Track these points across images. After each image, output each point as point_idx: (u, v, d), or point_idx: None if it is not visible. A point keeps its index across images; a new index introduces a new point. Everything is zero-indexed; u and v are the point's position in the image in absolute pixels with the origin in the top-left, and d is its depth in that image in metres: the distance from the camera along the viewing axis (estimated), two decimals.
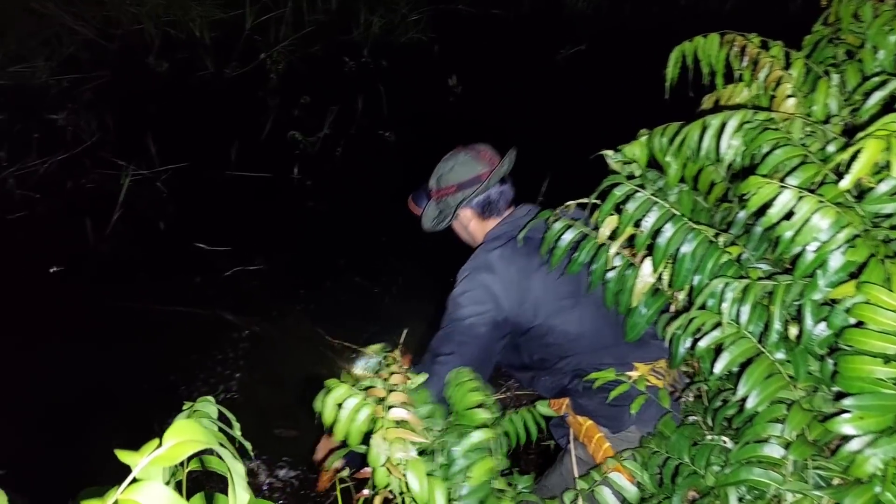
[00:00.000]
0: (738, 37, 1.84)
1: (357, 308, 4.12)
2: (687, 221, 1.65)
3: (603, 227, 1.77)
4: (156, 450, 0.67)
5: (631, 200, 1.72)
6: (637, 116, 2.26)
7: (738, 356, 1.55)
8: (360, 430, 1.49)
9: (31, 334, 3.83)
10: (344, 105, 5.83)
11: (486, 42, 7.25)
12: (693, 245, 1.64)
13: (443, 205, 2.27)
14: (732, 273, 1.60)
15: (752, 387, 1.51)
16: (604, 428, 2.01)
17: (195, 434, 0.71)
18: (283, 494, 3.03)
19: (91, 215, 4.59)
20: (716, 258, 1.63)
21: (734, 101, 1.92)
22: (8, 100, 5.77)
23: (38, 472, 3.11)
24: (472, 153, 2.22)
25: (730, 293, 1.56)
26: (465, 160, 2.21)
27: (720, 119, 1.63)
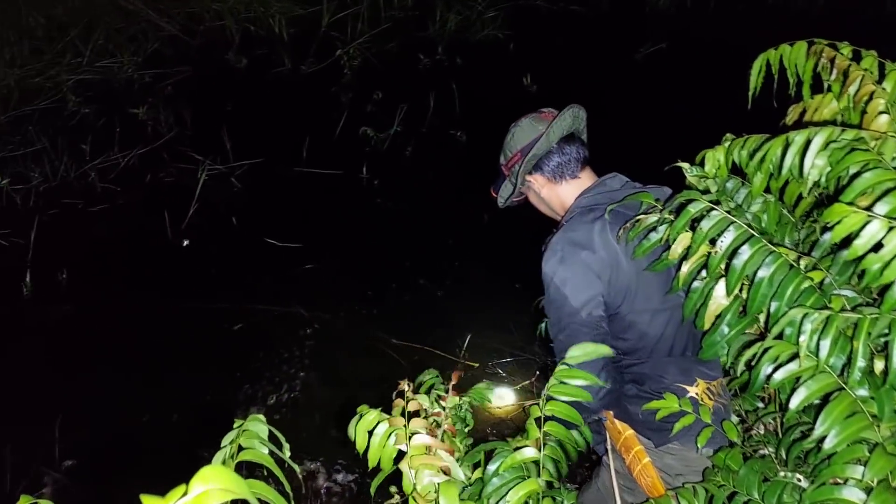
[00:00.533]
0: (827, 47, 1.71)
1: (421, 311, 4.10)
2: (766, 243, 1.55)
3: (675, 245, 1.69)
4: (181, 497, 0.64)
5: (706, 218, 1.63)
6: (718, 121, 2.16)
7: (816, 391, 1.45)
8: (391, 454, 1.46)
9: (107, 325, 3.96)
10: (416, 102, 5.82)
11: (563, 39, 7.13)
12: (771, 269, 1.54)
13: (513, 176, 2.07)
14: (814, 301, 1.50)
15: (831, 425, 1.41)
16: (645, 440, 1.91)
17: (224, 481, 0.67)
18: (341, 499, 3.03)
19: (169, 209, 4.71)
20: (796, 284, 1.52)
21: (821, 115, 1.80)
22: (95, 93, 5.98)
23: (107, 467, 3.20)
24: (532, 116, 2.05)
25: (809, 324, 1.45)
26: (525, 124, 2.03)
27: (804, 136, 1.52)
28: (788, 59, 1.80)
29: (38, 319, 3.98)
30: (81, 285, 4.19)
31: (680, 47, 6.85)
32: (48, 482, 3.04)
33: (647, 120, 5.70)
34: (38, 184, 4.96)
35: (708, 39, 6.86)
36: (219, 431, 1.50)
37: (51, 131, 5.44)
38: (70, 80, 6.01)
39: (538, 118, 2.02)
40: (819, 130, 1.50)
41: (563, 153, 1.97)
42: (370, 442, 1.45)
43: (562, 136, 1.97)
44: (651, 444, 1.89)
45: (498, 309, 4.04)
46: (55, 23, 6.56)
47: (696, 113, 5.59)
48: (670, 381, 1.83)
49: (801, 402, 1.46)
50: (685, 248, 1.70)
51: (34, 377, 3.63)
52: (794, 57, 1.79)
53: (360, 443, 1.46)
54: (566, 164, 1.97)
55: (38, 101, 5.81)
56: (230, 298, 4.12)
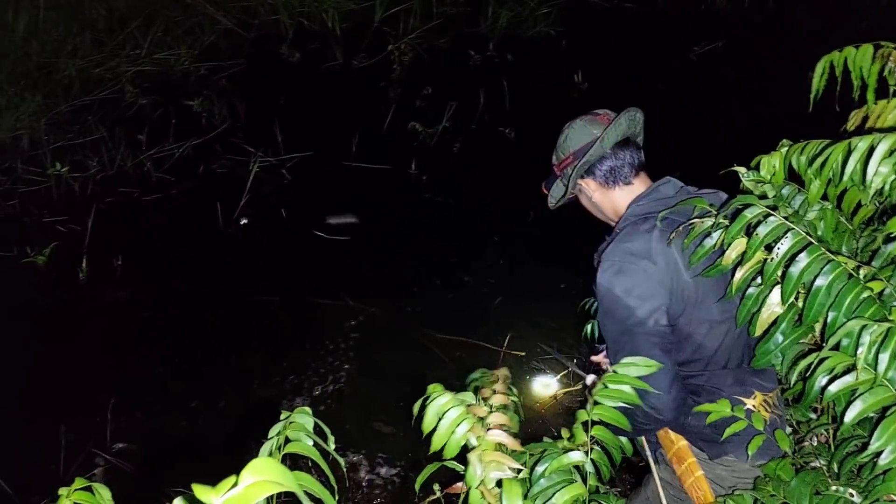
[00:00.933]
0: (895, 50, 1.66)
1: (466, 307, 4.10)
2: (824, 251, 1.51)
3: (729, 250, 1.65)
4: (231, 489, 0.65)
5: (763, 224, 1.60)
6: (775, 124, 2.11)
7: (873, 405, 1.41)
8: (458, 443, 1.45)
9: (159, 312, 4.05)
10: (466, 99, 5.81)
11: (616, 36, 7.05)
12: (829, 278, 1.50)
13: (565, 178, 2.02)
14: (873, 312, 1.45)
15: (887, 441, 1.37)
16: (699, 451, 1.88)
17: (273, 474, 0.68)
18: (384, 492, 3.05)
19: (221, 199, 4.79)
20: (855, 294, 1.48)
21: (884, 121, 1.75)
22: (152, 85, 6.11)
23: (156, 451, 3.27)
24: (587, 118, 1.99)
25: (868, 336, 1.41)
26: (579, 126, 1.97)
27: (867, 142, 1.48)
28: (853, 62, 1.75)
29: (92, 304, 4.08)
30: (135, 272, 4.29)
31: (736, 46, 6.71)
32: (99, 463, 3.12)
33: (702, 121, 5.60)
34: (96, 172, 5.08)
35: (766, 39, 6.72)
36: (264, 419, 1.52)
37: (109, 121, 5.57)
38: (129, 71, 6.15)
39: (593, 120, 1.97)
40: (884, 137, 1.46)
41: (616, 158, 1.91)
42: (438, 425, 1.44)
43: (616, 141, 1.91)
44: (705, 455, 1.86)
45: (544, 309, 4.02)
46: (116, 15, 6.71)
47: (752, 115, 5.49)
48: (727, 392, 1.78)
49: (857, 415, 1.43)
50: (739, 253, 1.67)
51: (88, 361, 3.73)
52: (860, 60, 1.74)
53: (427, 423, 1.45)
54: (619, 169, 1.91)
55: (98, 92, 5.96)
56: (278, 289, 4.18)
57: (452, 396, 1.50)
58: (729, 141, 5.15)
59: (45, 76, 5.98)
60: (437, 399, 1.49)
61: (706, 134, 5.38)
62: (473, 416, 1.48)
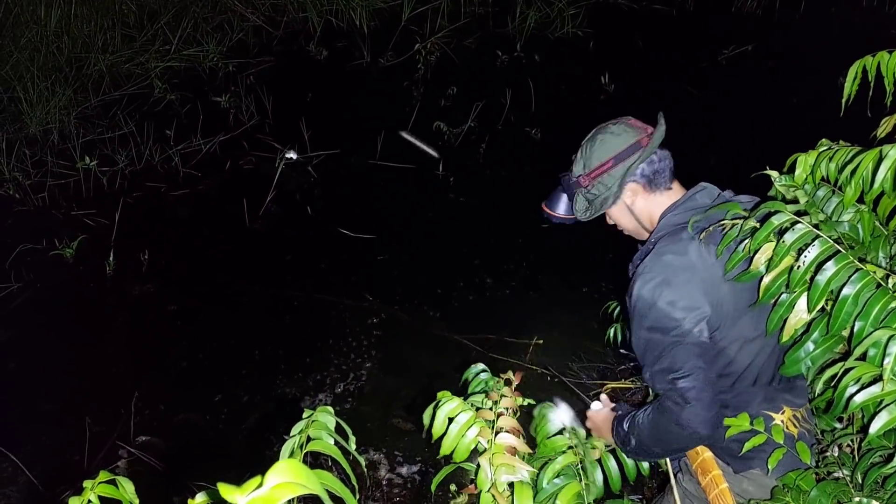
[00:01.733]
0: None
1: (487, 309, 4.11)
2: (852, 260, 1.49)
3: (759, 255, 1.64)
4: (256, 489, 0.65)
5: (790, 231, 1.58)
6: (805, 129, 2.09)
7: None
8: (468, 447, 1.46)
9: (184, 306, 4.09)
10: (492, 99, 5.80)
11: (644, 39, 7.00)
12: (857, 287, 1.48)
13: (598, 188, 1.88)
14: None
15: None
16: (724, 465, 1.86)
17: (297, 476, 0.69)
18: (403, 490, 3.06)
19: (247, 195, 4.82)
20: (883, 304, 1.46)
21: None
22: (180, 81, 6.17)
23: (178, 442, 3.31)
24: (621, 123, 1.88)
25: (895, 347, 1.40)
26: (616, 130, 1.87)
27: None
28: (886, 67, 1.73)
29: (119, 297, 4.14)
30: (162, 267, 4.34)
31: (766, 50, 6.64)
32: (123, 456, 3.16)
33: (730, 125, 5.55)
34: (124, 166, 5.14)
35: (796, 43, 6.64)
36: (286, 415, 1.53)
37: (137, 116, 5.63)
38: (158, 66, 6.21)
39: (628, 125, 1.88)
40: None
41: (660, 161, 1.85)
42: (448, 430, 1.44)
43: (659, 143, 1.85)
44: (730, 469, 1.84)
45: (565, 312, 4.01)
46: (146, 10, 6.78)
47: (781, 119, 5.43)
48: (755, 409, 1.75)
49: (883, 426, 1.41)
50: (768, 258, 1.66)
51: (113, 353, 3.78)
52: (893, 65, 1.72)
53: (437, 429, 1.46)
54: (661, 172, 1.85)
55: (127, 87, 6.03)
56: (302, 286, 4.21)
57: (462, 401, 1.51)
58: (757, 145, 5.10)
59: (76, 71, 6.06)
60: (446, 404, 1.49)
61: (734, 137, 5.33)
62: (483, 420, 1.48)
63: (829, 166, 1.64)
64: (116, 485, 1.38)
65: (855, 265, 1.50)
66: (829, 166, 1.63)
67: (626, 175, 1.83)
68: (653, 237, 1.82)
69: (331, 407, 1.45)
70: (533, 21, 6.97)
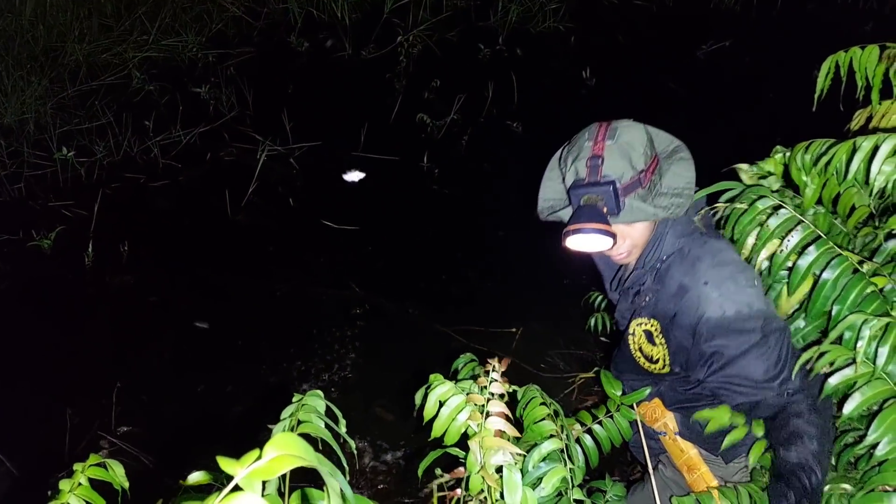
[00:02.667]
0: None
1: (469, 300, 4.12)
2: (832, 245, 1.53)
3: (748, 238, 1.66)
4: (255, 461, 0.66)
5: (774, 216, 1.61)
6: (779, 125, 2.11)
7: (872, 398, 1.43)
8: (459, 430, 1.46)
9: (166, 298, 4.05)
10: (474, 92, 5.80)
11: (625, 33, 7.04)
12: (837, 271, 1.51)
13: (657, 187, 1.66)
14: (875, 307, 1.47)
15: (884, 432, 1.39)
16: (714, 457, 1.87)
17: (296, 449, 0.69)
18: (388, 477, 3.07)
19: (229, 187, 4.79)
20: (860, 288, 1.50)
21: (889, 121, 1.76)
22: (159, 71, 6.11)
23: (162, 434, 3.28)
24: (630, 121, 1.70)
25: (868, 330, 1.43)
26: (651, 129, 1.72)
27: (872, 142, 1.49)
28: (859, 63, 1.76)
29: (99, 289, 4.09)
30: (142, 258, 4.30)
31: (743, 46, 6.70)
32: (104, 446, 3.13)
33: (708, 119, 5.60)
34: (102, 157, 5.08)
35: (772, 39, 6.70)
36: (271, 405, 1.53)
37: (115, 107, 5.56)
38: (136, 57, 6.14)
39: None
40: (888, 136, 1.47)
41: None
42: (439, 412, 1.45)
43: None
44: (720, 460, 1.86)
45: (546, 302, 4.03)
46: (124, 0, 6.70)
47: (757, 114, 5.49)
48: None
49: (856, 407, 1.45)
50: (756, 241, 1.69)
51: (94, 345, 3.73)
52: (865, 60, 1.75)
53: (428, 411, 1.47)
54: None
55: (105, 77, 5.95)
56: (286, 277, 4.19)
57: (453, 385, 1.52)
58: (734, 139, 5.14)
59: (52, 60, 5.97)
60: (438, 387, 1.50)
61: (711, 131, 5.37)
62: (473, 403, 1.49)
63: (804, 158, 1.67)
64: (106, 468, 1.37)
65: (835, 250, 1.54)
66: (804, 157, 1.65)
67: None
68: (671, 248, 1.68)
69: (320, 391, 1.45)
70: (515, 15, 6.98)
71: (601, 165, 1.58)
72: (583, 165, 1.60)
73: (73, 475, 1.31)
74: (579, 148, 1.64)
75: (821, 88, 1.83)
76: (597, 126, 1.67)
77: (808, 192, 1.69)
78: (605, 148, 1.59)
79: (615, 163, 1.58)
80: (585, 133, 1.67)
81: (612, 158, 1.58)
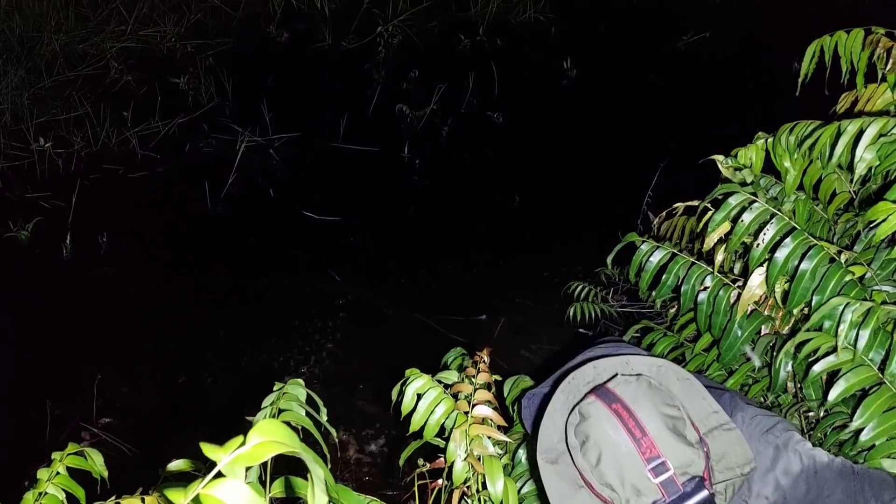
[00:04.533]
0: (885, 37, 1.69)
1: (450, 292, 4.12)
2: (808, 236, 1.55)
3: (712, 233, 1.68)
4: (239, 447, 0.66)
5: (747, 211, 1.63)
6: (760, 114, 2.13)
7: (856, 384, 1.45)
8: (437, 422, 1.48)
9: (146, 289, 4.04)
10: (455, 83, 5.80)
11: (605, 24, 7.05)
12: (813, 262, 1.53)
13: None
14: (855, 295, 1.49)
15: (869, 418, 1.41)
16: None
17: (279, 435, 0.70)
18: (372, 468, 3.08)
19: (208, 178, 4.76)
20: (838, 277, 1.52)
21: (874, 105, 1.78)
22: (137, 62, 6.05)
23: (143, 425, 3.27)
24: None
25: (850, 315, 1.45)
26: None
27: (857, 125, 1.51)
28: (844, 47, 1.78)
29: (77, 280, 4.06)
30: (122, 249, 4.27)
31: (725, 36, 6.74)
32: (86, 438, 3.12)
33: (689, 110, 5.63)
34: (80, 148, 5.03)
35: (753, 30, 6.75)
36: (252, 397, 1.53)
37: (93, 97, 5.51)
38: (113, 47, 6.07)
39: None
40: (873, 120, 1.49)
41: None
42: (417, 406, 1.47)
43: None
44: None
45: (527, 293, 4.04)
46: None
47: (738, 104, 5.53)
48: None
49: (840, 393, 1.47)
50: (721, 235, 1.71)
51: (73, 336, 3.71)
52: (850, 45, 1.77)
53: (405, 405, 1.48)
54: None
55: (82, 68, 5.89)
56: (266, 268, 4.19)
57: (430, 378, 1.53)
58: (715, 129, 5.18)
59: (28, 51, 5.89)
60: (415, 381, 1.51)
61: (693, 122, 5.41)
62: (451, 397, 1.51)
63: (788, 140, 1.69)
64: (85, 456, 1.38)
65: (810, 241, 1.55)
66: (789, 139, 1.67)
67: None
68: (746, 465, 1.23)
69: (301, 380, 1.46)
70: (495, 5, 6.96)
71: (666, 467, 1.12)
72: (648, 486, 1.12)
73: (52, 464, 1.31)
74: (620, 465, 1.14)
75: (805, 72, 1.85)
76: (606, 410, 1.18)
77: (790, 179, 1.71)
78: (654, 440, 1.13)
79: (674, 450, 1.13)
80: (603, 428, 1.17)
81: (668, 448, 1.13)
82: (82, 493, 1.30)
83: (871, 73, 1.77)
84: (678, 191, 1.86)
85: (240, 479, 0.63)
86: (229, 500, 0.61)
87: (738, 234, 1.64)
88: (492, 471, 1.40)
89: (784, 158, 1.75)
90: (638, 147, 5.02)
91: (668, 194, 1.83)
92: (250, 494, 0.62)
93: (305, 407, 1.42)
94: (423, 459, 1.76)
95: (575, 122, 5.55)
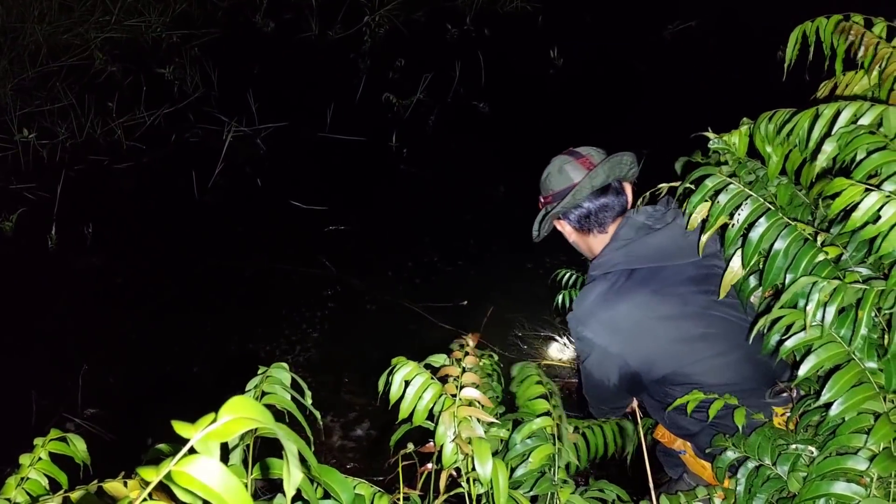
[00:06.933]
0: (856, 24, 1.70)
1: (437, 280, 4.13)
2: (782, 216, 1.56)
3: (695, 215, 1.70)
4: (210, 424, 0.66)
5: (723, 192, 1.64)
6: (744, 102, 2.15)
7: (825, 360, 1.47)
8: (426, 408, 1.48)
9: (132, 279, 4.03)
10: (441, 72, 5.80)
11: (591, 13, 7.05)
12: (787, 241, 1.55)
13: (544, 212, 1.99)
14: (827, 274, 1.51)
15: (837, 393, 1.43)
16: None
17: (251, 412, 0.70)
18: (357, 454, 3.09)
19: (195, 168, 4.75)
20: (811, 257, 1.54)
21: (851, 91, 1.80)
22: (122, 52, 6.02)
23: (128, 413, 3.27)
24: (571, 158, 1.93)
25: (817, 293, 1.47)
26: (561, 166, 1.93)
27: (833, 109, 1.52)
28: (824, 32, 1.79)
29: (63, 271, 4.05)
30: (107, 240, 4.26)
31: (709, 25, 6.76)
32: (71, 428, 3.12)
33: (675, 99, 5.65)
34: (65, 139, 5.01)
35: (738, 20, 6.76)
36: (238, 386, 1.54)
37: (77, 88, 5.48)
38: (98, 37, 6.04)
39: (574, 164, 1.92)
40: (849, 103, 1.50)
41: (591, 205, 1.90)
42: (405, 393, 1.47)
43: (592, 191, 1.88)
44: None
45: (514, 281, 4.06)
46: None
47: (723, 93, 5.54)
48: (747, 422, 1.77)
49: (810, 369, 1.49)
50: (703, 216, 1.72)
51: (58, 327, 3.70)
52: (829, 30, 1.78)
53: (394, 393, 1.48)
54: (594, 216, 1.90)
55: (66, 58, 5.85)
56: (254, 257, 4.19)
57: (416, 365, 1.53)
58: (700, 117, 5.20)
59: (11, 41, 5.85)
60: (402, 368, 1.52)
61: (678, 110, 5.43)
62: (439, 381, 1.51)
63: (768, 127, 1.70)
64: (68, 442, 1.38)
65: (784, 221, 1.57)
66: (769, 127, 1.68)
67: (557, 215, 1.94)
68: (588, 276, 1.93)
69: (285, 363, 1.46)
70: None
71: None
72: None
73: (34, 450, 1.31)
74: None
75: (790, 58, 1.86)
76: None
77: (772, 163, 1.72)
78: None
79: (540, 184, 2.04)
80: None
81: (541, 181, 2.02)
82: (65, 479, 1.31)
83: (853, 61, 1.78)
84: (663, 178, 1.86)
85: (214, 457, 0.63)
86: (201, 476, 0.62)
87: (715, 215, 1.65)
88: (481, 452, 1.40)
89: (765, 145, 1.76)
90: (623, 135, 5.02)
91: (652, 181, 1.85)
92: (222, 469, 0.62)
93: (290, 391, 1.43)
94: (413, 444, 1.77)
95: (561, 110, 5.55)
